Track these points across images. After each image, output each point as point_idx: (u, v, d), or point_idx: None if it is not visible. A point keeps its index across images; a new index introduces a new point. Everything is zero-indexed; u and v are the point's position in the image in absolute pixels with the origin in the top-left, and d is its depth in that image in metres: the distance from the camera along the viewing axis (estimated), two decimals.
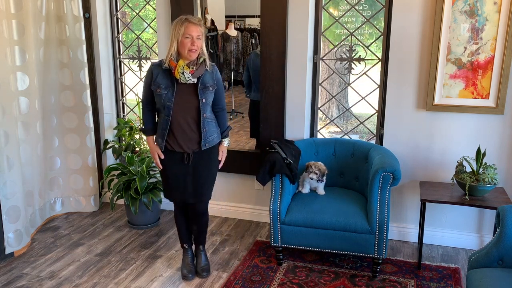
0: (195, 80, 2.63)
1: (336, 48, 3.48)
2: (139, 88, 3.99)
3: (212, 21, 3.97)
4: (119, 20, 4.08)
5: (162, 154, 2.76)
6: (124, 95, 4.22)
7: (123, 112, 4.25)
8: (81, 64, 3.80)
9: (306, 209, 2.98)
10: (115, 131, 4.20)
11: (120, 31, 4.10)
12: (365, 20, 3.36)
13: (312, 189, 3.24)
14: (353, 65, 3.43)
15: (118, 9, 4.06)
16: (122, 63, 4.17)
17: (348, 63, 3.44)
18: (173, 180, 2.81)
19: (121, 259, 3.24)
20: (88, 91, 3.88)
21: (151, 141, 2.83)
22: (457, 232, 3.36)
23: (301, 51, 3.40)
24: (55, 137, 3.89)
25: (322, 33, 3.49)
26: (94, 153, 3.99)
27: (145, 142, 4.00)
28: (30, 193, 3.49)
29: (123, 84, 4.20)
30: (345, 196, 3.16)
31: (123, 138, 4.15)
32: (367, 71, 3.41)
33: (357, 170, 3.29)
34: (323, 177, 3.15)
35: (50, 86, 3.76)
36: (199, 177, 2.79)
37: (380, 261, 2.92)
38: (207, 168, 2.81)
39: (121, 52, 4.14)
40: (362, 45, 3.39)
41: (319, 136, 3.69)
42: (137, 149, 4.06)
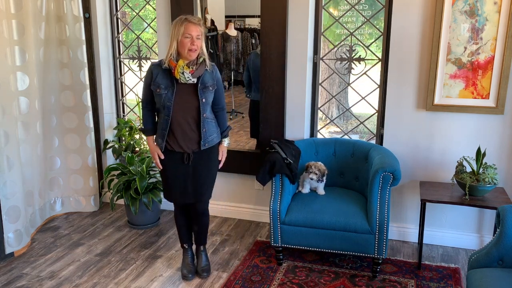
0: (195, 80, 2.63)
1: (336, 48, 3.48)
2: (139, 88, 3.99)
3: (212, 21, 3.96)
4: (119, 20, 4.08)
5: (162, 154, 2.76)
6: (124, 95, 4.22)
7: (123, 112, 4.25)
8: (81, 64, 3.80)
9: (306, 209, 2.98)
10: (115, 131, 4.20)
11: (120, 31, 4.10)
12: (365, 20, 3.35)
13: (312, 189, 3.24)
14: (353, 65, 3.43)
15: (118, 9, 4.06)
16: (122, 63, 4.17)
17: (348, 63, 3.44)
18: (173, 180, 2.81)
19: (121, 259, 3.24)
20: (88, 91, 3.88)
21: (151, 141, 2.83)
22: (457, 232, 3.36)
23: (301, 51, 3.40)
24: (55, 137, 3.89)
25: (322, 33, 3.49)
26: (94, 153, 3.99)
27: (145, 142, 4.00)
28: (30, 193, 3.49)
29: (123, 84, 4.20)
30: (345, 196, 3.16)
31: (123, 138, 4.15)
32: (367, 71, 3.41)
33: (357, 170, 3.29)
34: (323, 177, 3.15)
35: (50, 86, 3.76)
36: (199, 177, 2.79)
37: (380, 261, 2.92)
38: (207, 168, 2.81)
39: (121, 52, 4.14)
40: (362, 45, 3.39)
41: (319, 136, 3.69)
42: (137, 149, 4.06)
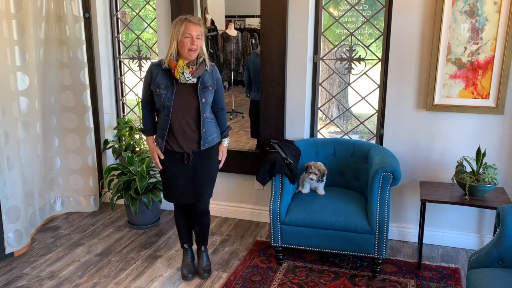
0: (194, 80, 2.63)
1: (336, 48, 3.48)
2: (139, 88, 3.99)
3: (212, 21, 3.96)
4: (119, 20, 4.08)
5: (162, 154, 2.76)
6: (124, 95, 4.22)
7: (123, 112, 4.25)
8: (81, 64, 3.80)
9: (306, 209, 2.98)
10: (115, 131, 4.20)
11: (120, 31, 4.10)
12: (365, 20, 3.35)
13: (312, 189, 3.24)
14: (353, 65, 3.43)
15: (118, 9, 4.06)
16: (122, 63, 4.17)
17: (348, 63, 3.44)
18: (173, 180, 2.80)
19: (121, 259, 3.24)
20: (88, 91, 3.88)
21: (150, 141, 2.83)
22: (457, 232, 3.36)
23: (301, 51, 3.40)
24: (55, 137, 3.89)
25: (322, 33, 3.49)
26: (94, 153, 3.99)
27: (145, 142, 4.00)
28: (30, 193, 3.49)
29: (123, 84, 4.20)
30: (345, 196, 3.15)
31: (123, 138, 4.15)
32: (367, 71, 3.41)
33: (357, 170, 3.28)
34: (323, 178, 3.15)
35: (50, 86, 3.76)
36: (199, 177, 2.79)
37: (380, 261, 2.92)
38: (207, 168, 2.81)
39: (121, 52, 4.14)
40: (362, 45, 3.39)
41: (319, 136, 3.69)
42: (137, 149, 4.06)
